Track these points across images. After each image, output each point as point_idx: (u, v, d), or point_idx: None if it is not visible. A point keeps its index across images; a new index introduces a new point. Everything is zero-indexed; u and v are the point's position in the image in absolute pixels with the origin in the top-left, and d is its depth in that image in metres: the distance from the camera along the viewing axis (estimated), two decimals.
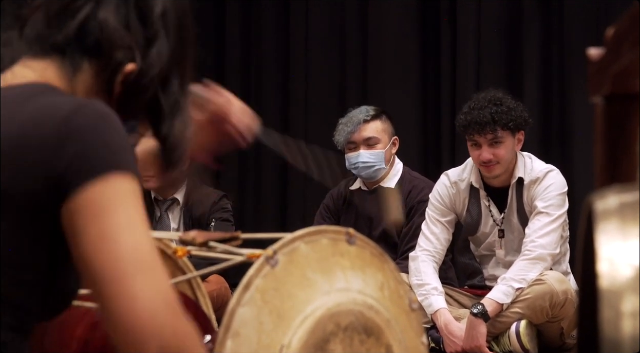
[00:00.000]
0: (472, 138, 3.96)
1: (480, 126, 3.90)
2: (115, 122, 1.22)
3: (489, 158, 3.92)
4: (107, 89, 1.33)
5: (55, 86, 1.29)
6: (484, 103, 3.94)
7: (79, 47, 1.31)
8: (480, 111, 3.92)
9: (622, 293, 0.84)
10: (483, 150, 3.93)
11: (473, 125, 3.91)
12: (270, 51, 5.93)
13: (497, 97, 3.98)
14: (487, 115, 3.90)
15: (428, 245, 4.08)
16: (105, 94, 1.33)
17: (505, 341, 3.88)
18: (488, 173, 3.97)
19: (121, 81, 1.32)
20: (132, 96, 1.35)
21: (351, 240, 1.66)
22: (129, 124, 1.37)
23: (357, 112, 4.43)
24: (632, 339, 0.83)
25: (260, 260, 1.51)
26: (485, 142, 3.93)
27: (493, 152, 3.92)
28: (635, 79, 1.06)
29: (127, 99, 1.35)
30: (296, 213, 5.70)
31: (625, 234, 0.88)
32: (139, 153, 1.54)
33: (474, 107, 3.96)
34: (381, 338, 1.65)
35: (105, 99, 1.32)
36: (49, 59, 1.31)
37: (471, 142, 3.98)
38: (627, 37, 1.01)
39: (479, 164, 3.97)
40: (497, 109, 3.92)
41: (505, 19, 5.37)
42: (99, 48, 1.31)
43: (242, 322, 1.46)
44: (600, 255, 0.87)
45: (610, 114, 1.13)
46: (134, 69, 1.32)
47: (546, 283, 3.80)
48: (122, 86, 1.33)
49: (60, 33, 1.31)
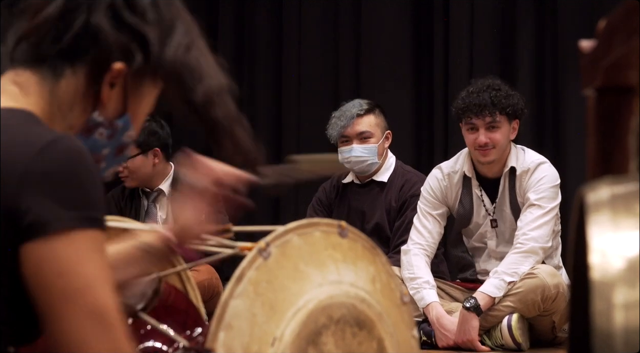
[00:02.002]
0: (469, 121, 3.96)
1: (479, 109, 3.91)
2: (85, 163, 1.19)
3: (486, 141, 3.93)
4: (94, 92, 1.31)
5: (34, 112, 1.27)
6: (482, 87, 3.97)
7: (60, 54, 1.30)
8: (479, 94, 3.94)
9: (614, 285, 0.84)
10: (480, 133, 3.94)
11: (472, 107, 3.92)
12: (263, 45, 5.92)
13: (495, 83, 4.01)
14: (486, 98, 3.92)
15: (420, 239, 4.09)
16: (92, 97, 1.32)
17: (497, 335, 3.88)
18: (483, 157, 3.97)
19: (109, 81, 1.31)
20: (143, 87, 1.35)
21: (343, 232, 1.66)
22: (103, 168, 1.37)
23: (350, 106, 4.43)
24: (624, 331, 0.83)
25: (253, 252, 1.51)
26: (482, 125, 3.94)
27: (490, 136, 3.93)
28: (627, 71, 1.06)
29: (136, 92, 1.35)
30: (289, 206, 5.70)
31: (616, 226, 0.88)
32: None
33: (473, 91, 3.98)
34: (373, 331, 1.65)
35: (91, 102, 1.31)
36: (30, 69, 1.30)
37: (468, 126, 3.98)
38: (619, 30, 1.01)
39: (475, 148, 3.97)
40: (497, 93, 3.94)
41: (499, 12, 5.37)
42: (81, 52, 1.30)
43: (235, 314, 1.46)
44: (591, 246, 0.87)
45: (603, 107, 1.13)
46: (121, 68, 1.31)
47: (538, 276, 3.81)
48: (110, 86, 1.31)
49: (43, 43, 1.29)
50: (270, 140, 5.79)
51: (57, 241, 1.15)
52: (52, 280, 1.15)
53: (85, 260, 1.16)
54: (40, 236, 1.14)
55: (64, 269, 1.15)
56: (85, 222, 1.16)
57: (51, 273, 1.15)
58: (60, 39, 1.29)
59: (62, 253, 1.15)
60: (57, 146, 1.19)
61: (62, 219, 1.15)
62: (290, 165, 1.88)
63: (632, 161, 1.07)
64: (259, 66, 5.91)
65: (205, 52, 1.40)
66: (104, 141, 1.36)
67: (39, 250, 1.15)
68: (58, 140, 1.20)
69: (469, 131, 4.00)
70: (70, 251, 1.15)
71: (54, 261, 1.15)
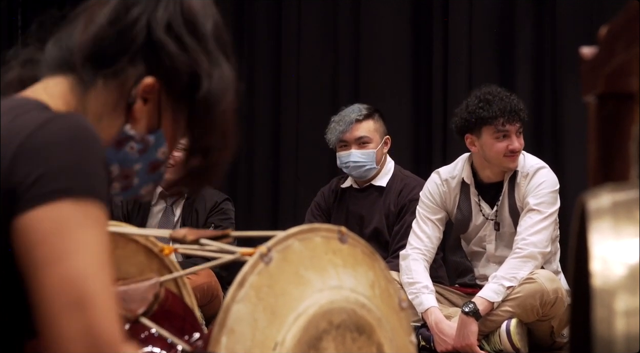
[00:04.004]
0: (501, 128, 3.91)
1: (512, 114, 3.89)
2: (85, 140, 1.17)
3: (520, 147, 3.93)
4: (126, 105, 1.30)
5: (46, 102, 1.26)
6: (501, 95, 3.93)
7: (92, 64, 1.29)
8: (503, 101, 3.90)
9: (615, 292, 0.85)
10: (513, 140, 3.91)
11: (505, 114, 3.88)
12: (262, 49, 5.92)
13: (501, 89, 3.99)
14: (514, 103, 3.91)
15: (419, 244, 4.08)
16: (124, 110, 1.30)
17: (495, 340, 3.88)
18: (512, 163, 3.95)
19: (141, 95, 1.30)
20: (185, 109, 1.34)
21: (343, 238, 1.66)
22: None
23: (349, 111, 4.43)
24: (625, 338, 0.83)
25: (254, 257, 1.51)
26: (514, 131, 3.92)
27: (520, 141, 3.94)
28: (628, 78, 1.06)
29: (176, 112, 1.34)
30: (287, 211, 5.70)
31: (618, 233, 0.88)
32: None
33: (493, 98, 3.92)
34: (373, 336, 1.65)
35: (122, 115, 1.30)
36: (62, 75, 1.30)
37: (499, 133, 3.92)
38: (621, 36, 1.01)
39: (504, 155, 3.93)
40: (513, 98, 3.94)
41: (498, 17, 5.37)
42: (114, 64, 1.29)
43: (237, 318, 1.46)
44: (593, 253, 0.87)
45: (603, 114, 1.13)
46: (152, 83, 1.30)
47: (537, 281, 3.81)
48: (143, 100, 1.31)
49: (77, 49, 1.29)
50: (268, 144, 5.79)
51: (41, 210, 1.11)
52: (31, 248, 1.11)
53: (67, 229, 1.11)
54: (28, 207, 1.11)
55: (44, 237, 1.11)
56: (73, 192, 1.13)
57: (32, 241, 1.11)
58: (103, 49, 1.29)
59: (44, 222, 1.11)
60: (57, 121, 1.18)
61: (50, 188, 1.12)
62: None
63: (633, 168, 1.07)
64: (258, 69, 5.91)
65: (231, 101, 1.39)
66: (136, 156, 1.34)
67: (24, 221, 1.12)
68: (59, 116, 1.19)
69: (498, 139, 3.92)
70: (52, 220, 1.11)
71: (36, 230, 1.11)
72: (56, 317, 1.09)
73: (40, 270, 1.10)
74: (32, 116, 1.20)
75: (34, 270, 1.11)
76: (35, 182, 1.12)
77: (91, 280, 1.10)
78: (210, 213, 4.42)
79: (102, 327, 1.10)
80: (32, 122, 1.17)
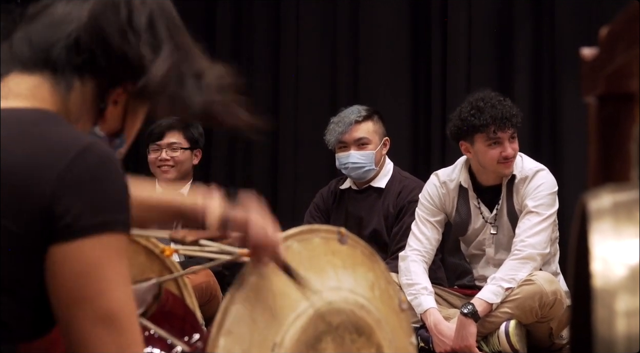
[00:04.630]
0: (494, 136, 3.90)
1: (503, 122, 3.87)
2: (115, 169, 1.22)
3: (513, 153, 3.92)
4: (97, 107, 1.33)
5: (53, 111, 1.28)
6: (492, 101, 3.92)
7: (71, 64, 1.30)
8: (495, 108, 3.88)
9: (616, 293, 0.84)
10: (506, 146, 3.90)
11: (496, 121, 3.87)
12: (260, 50, 5.92)
13: (496, 94, 3.98)
14: (506, 110, 3.89)
15: (418, 245, 4.08)
16: (95, 112, 1.33)
17: (494, 341, 3.88)
18: (507, 169, 3.94)
19: (114, 99, 1.33)
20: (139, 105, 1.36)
21: (343, 239, 1.66)
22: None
23: (349, 112, 4.43)
24: (626, 338, 0.83)
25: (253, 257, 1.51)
26: (506, 138, 3.91)
27: (513, 147, 3.93)
28: (629, 79, 1.06)
29: (134, 110, 1.36)
30: (286, 212, 5.69)
31: (619, 233, 0.88)
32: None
33: (485, 105, 3.91)
34: (372, 337, 1.65)
35: (94, 117, 1.33)
36: (39, 75, 1.30)
37: (491, 141, 3.91)
38: (622, 37, 1.01)
39: (498, 162, 3.93)
40: (508, 103, 3.93)
41: (496, 18, 5.37)
42: (92, 66, 1.31)
43: (236, 319, 1.46)
44: (594, 254, 0.87)
45: (604, 115, 1.13)
46: (121, 89, 1.32)
47: (536, 283, 3.81)
48: (114, 102, 1.33)
49: (54, 50, 1.30)
50: (267, 145, 5.79)
51: (82, 243, 1.17)
52: (71, 280, 1.18)
53: (106, 263, 1.18)
54: (70, 238, 1.17)
55: (84, 270, 1.17)
56: (112, 226, 1.19)
57: (72, 273, 1.18)
58: (79, 52, 1.30)
59: (86, 255, 1.17)
60: (92, 151, 1.21)
61: (91, 223, 1.18)
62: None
63: (634, 169, 1.07)
64: (257, 70, 5.90)
65: (197, 58, 1.40)
66: None
67: (65, 251, 1.18)
68: (92, 145, 1.22)
69: (490, 147, 3.91)
70: (93, 254, 1.18)
71: (77, 263, 1.17)
72: (95, 344, 1.18)
73: (81, 302, 1.18)
74: (61, 136, 1.22)
75: (74, 301, 1.18)
76: (79, 215, 1.17)
77: (127, 310, 1.20)
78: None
79: (134, 350, 1.20)
80: (67, 149, 1.20)
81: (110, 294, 1.18)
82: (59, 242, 1.17)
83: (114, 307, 1.18)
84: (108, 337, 1.18)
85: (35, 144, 1.21)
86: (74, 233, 1.17)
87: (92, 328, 1.18)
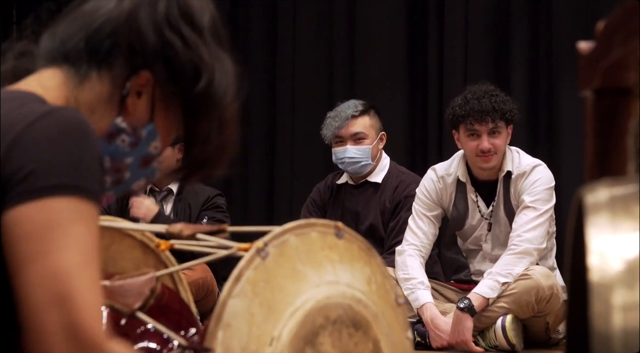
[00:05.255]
0: (471, 127, 3.95)
1: (482, 115, 3.90)
2: (79, 135, 1.16)
3: (489, 147, 3.92)
4: (119, 98, 1.30)
5: (41, 95, 1.25)
6: (481, 93, 3.95)
7: (87, 55, 1.29)
8: (479, 100, 3.92)
9: (613, 287, 0.84)
10: (483, 139, 3.93)
11: (474, 114, 3.91)
12: (257, 45, 5.91)
13: (491, 88, 4.00)
14: (487, 104, 3.91)
15: (415, 240, 4.08)
16: (117, 103, 1.30)
17: (491, 335, 3.88)
18: (485, 163, 3.96)
19: (135, 88, 1.30)
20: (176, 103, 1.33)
21: (340, 233, 1.66)
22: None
23: (345, 107, 4.43)
24: (623, 332, 0.83)
25: (251, 251, 1.51)
26: (485, 131, 3.93)
27: (492, 142, 3.93)
28: (626, 72, 1.06)
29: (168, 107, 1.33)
30: (282, 206, 5.70)
31: (615, 227, 0.88)
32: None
33: (472, 97, 3.96)
34: (369, 332, 1.65)
35: (115, 108, 1.30)
36: (57, 67, 1.29)
37: (469, 132, 3.97)
38: (618, 31, 1.01)
39: (476, 154, 3.96)
40: (496, 98, 3.94)
41: (493, 13, 5.37)
42: (112, 56, 1.29)
43: (233, 313, 1.46)
44: (590, 248, 0.87)
45: (601, 108, 1.13)
46: (148, 76, 1.30)
47: (532, 278, 3.81)
48: (137, 93, 1.30)
49: (71, 41, 1.29)
50: (264, 140, 5.79)
51: (31, 206, 1.11)
52: (18, 242, 1.11)
53: (55, 224, 1.11)
54: (19, 201, 1.11)
55: (31, 232, 1.10)
56: (65, 189, 1.13)
57: (19, 235, 1.11)
58: (97, 42, 1.29)
59: (33, 217, 1.11)
60: (53, 115, 1.17)
61: (42, 184, 1.12)
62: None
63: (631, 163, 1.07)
64: (253, 65, 5.90)
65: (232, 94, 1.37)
66: (127, 149, 1.33)
67: (14, 215, 1.12)
68: (55, 110, 1.18)
69: (469, 138, 3.97)
70: (41, 215, 1.11)
71: (24, 225, 1.11)
72: (38, 312, 1.09)
73: (25, 264, 1.10)
74: (28, 109, 1.19)
75: (19, 264, 1.11)
76: (26, 177, 1.12)
77: (76, 276, 1.10)
78: (203, 206, 4.42)
79: (84, 324, 1.10)
80: (28, 116, 1.17)
81: (57, 256, 1.09)
82: (9, 206, 1.11)
83: (62, 268, 1.09)
84: (52, 308, 1.08)
85: (5, 119, 1.17)
86: (21, 195, 1.11)
87: (35, 291, 1.09)
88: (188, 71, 1.31)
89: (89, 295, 1.11)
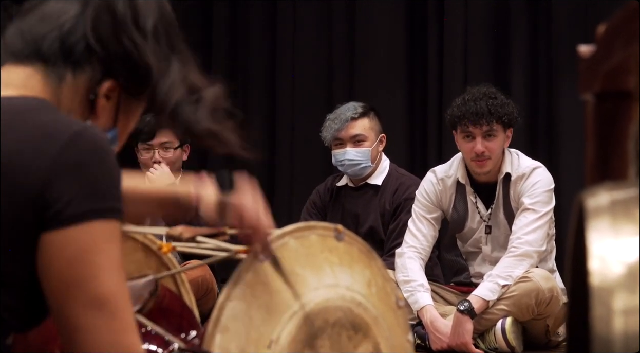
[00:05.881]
0: (466, 129, 3.95)
1: (477, 117, 3.90)
2: (107, 155, 1.22)
3: (482, 150, 3.92)
4: (89, 101, 1.32)
5: (46, 99, 1.28)
6: (479, 96, 3.95)
7: (63, 57, 1.30)
8: (476, 103, 3.92)
9: (614, 291, 0.84)
10: (477, 142, 3.93)
11: (469, 116, 3.91)
12: (257, 47, 5.91)
13: (491, 91, 4.00)
14: (483, 107, 3.91)
15: (414, 242, 4.08)
16: (87, 106, 1.32)
17: (490, 338, 3.88)
18: (479, 168, 3.97)
19: (104, 93, 1.32)
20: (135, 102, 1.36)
21: (339, 236, 1.66)
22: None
23: (345, 109, 4.42)
24: (624, 336, 0.83)
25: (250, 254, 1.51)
26: (479, 134, 3.93)
27: (486, 145, 3.93)
28: (626, 76, 1.06)
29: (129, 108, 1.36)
30: (282, 209, 5.69)
31: (616, 231, 0.88)
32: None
33: (469, 99, 3.95)
34: (369, 334, 1.65)
35: (86, 111, 1.32)
36: (31, 66, 1.30)
37: (464, 134, 3.97)
38: (619, 35, 1.01)
39: (471, 158, 3.96)
40: (493, 102, 3.94)
41: (493, 15, 5.37)
42: (85, 58, 1.30)
43: (232, 316, 1.46)
44: (591, 252, 0.87)
45: (602, 112, 1.13)
46: (111, 85, 1.32)
47: (532, 280, 3.81)
48: (106, 97, 1.33)
49: (45, 42, 1.30)
50: (264, 142, 5.79)
51: (74, 230, 1.17)
52: (62, 266, 1.17)
53: (97, 249, 1.18)
54: (61, 225, 1.17)
55: (75, 256, 1.17)
56: (104, 213, 1.19)
57: (63, 260, 1.17)
58: (72, 43, 1.30)
59: (76, 241, 1.17)
60: (85, 136, 1.21)
61: (82, 210, 1.17)
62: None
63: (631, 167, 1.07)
64: (253, 67, 5.90)
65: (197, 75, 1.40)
66: None
67: (56, 238, 1.17)
68: (85, 130, 1.22)
69: (465, 140, 3.98)
70: (84, 240, 1.18)
71: (67, 249, 1.17)
72: (87, 329, 1.18)
73: (73, 287, 1.18)
74: (55, 122, 1.22)
75: (66, 286, 1.18)
76: (70, 202, 1.17)
77: (119, 295, 1.20)
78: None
79: (129, 338, 1.20)
80: (61, 134, 1.20)
81: (101, 279, 1.18)
82: (50, 230, 1.17)
83: (105, 292, 1.18)
84: (100, 320, 1.17)
85: (27, 132, 1.20)
86: (65, 220, 1.17)
87: (84, 313, 1.17)
88: (142, 75, 1.34)
89: (128, 310, 1.21)
